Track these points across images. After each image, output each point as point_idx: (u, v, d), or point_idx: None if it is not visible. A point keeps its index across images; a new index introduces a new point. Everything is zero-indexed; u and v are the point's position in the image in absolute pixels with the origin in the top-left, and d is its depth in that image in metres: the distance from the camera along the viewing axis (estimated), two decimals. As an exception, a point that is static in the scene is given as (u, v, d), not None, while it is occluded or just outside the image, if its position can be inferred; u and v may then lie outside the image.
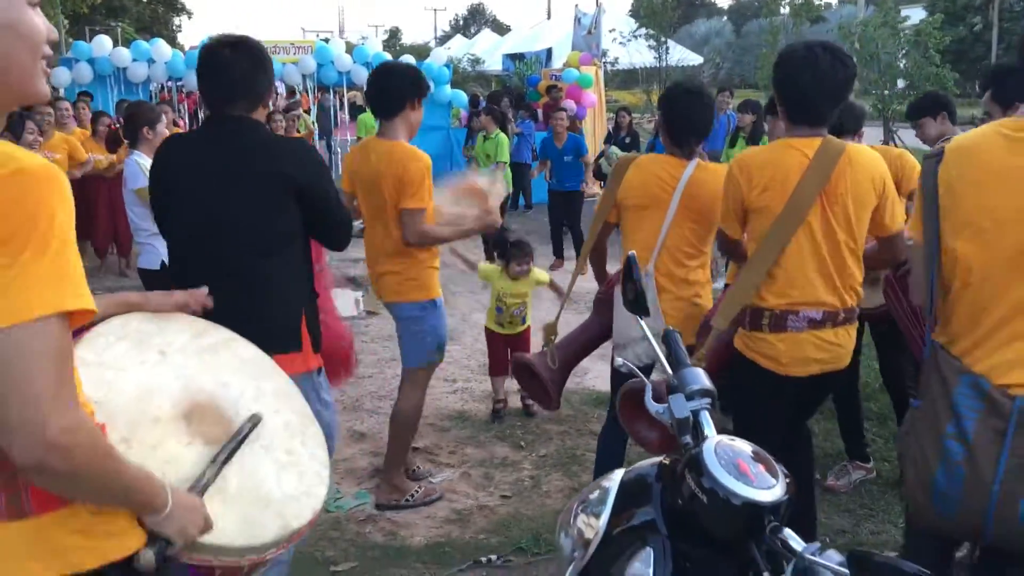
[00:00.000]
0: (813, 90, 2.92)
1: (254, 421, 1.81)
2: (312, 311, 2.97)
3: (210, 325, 1.98)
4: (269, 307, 2.76)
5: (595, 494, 1.85)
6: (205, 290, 2.08)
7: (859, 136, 4.10)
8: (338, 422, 3.21)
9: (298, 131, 11.33)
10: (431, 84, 13.32)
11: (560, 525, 1.91)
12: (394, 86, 3.94)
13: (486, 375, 5.78)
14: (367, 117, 11.95)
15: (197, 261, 2.78)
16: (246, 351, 2.00)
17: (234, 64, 2.77)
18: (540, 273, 5.55)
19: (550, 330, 4.00)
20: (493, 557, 3.77)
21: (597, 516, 1.77)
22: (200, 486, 1.61)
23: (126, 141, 5.68)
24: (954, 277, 2.08)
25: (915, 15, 30.74)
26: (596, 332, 3.91)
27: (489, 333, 5.57)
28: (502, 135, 10.54)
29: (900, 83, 18.67)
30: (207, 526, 1.56)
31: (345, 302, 8.56)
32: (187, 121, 14.59)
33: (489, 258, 7.43)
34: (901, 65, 18.32)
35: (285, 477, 1.80)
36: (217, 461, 1.67)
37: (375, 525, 4.10)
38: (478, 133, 11.48)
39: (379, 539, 3.97)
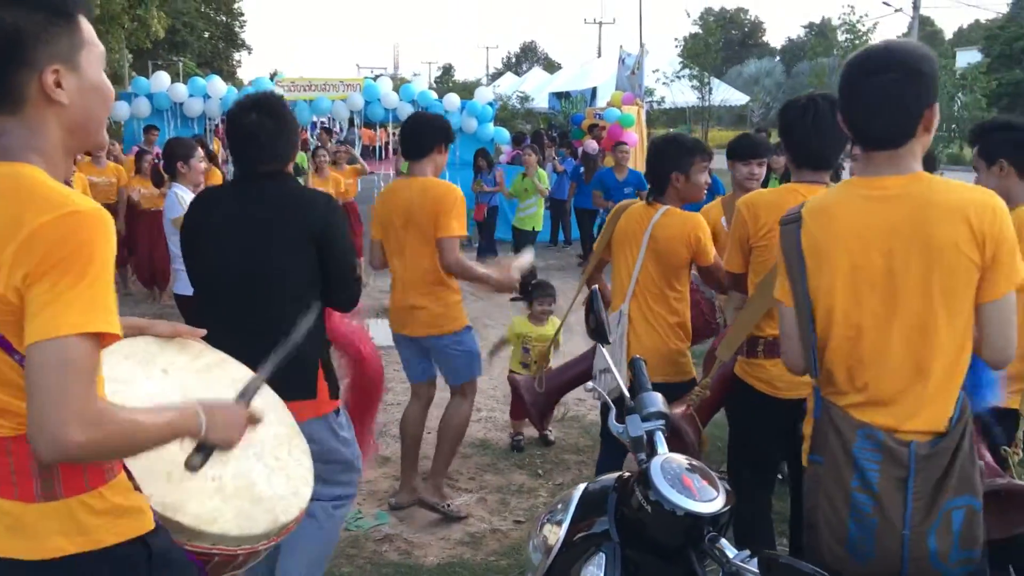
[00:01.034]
0: (814, 138, 3.17)
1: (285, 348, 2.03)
2: (328, 359, 3.15)
3: (206, 348, 2.22)
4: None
5: (559, 505, 2.03)
6: (204, 332, 2.27)
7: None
8: (359, 454, 3.39)
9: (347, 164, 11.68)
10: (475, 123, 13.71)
11: (530, 536, 2.10)
12: (425, 132, 4.35)
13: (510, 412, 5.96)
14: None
15: (225, 308, 2.95)
16: (238, 371, 2.24)
17: (260, 129, 2.98)
18: (554, 322, 5.72)
19: (542, 356, 4.33)
20: (501, 579, 3.93)
21: (559, 524, 1.95)
22: (248, 394, 1.87)
23: (167, 175, 6.04)
24: (829, 334, 2.15)
25: (972, 58, 30.62)
26: (591, 364, 4.11)
27: (511, 376, 5.77)
28: (541, 172, 10.88)
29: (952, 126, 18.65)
30: (253, 423, 1.83)
31: (381, 331, 8.84)
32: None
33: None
34: (955, 109, 18.30)
35: (274, 479, 2.04)
36: (260, 374, 1.94)
37: (391, 544, 4.29)
38: (485, 172, 11.87)
39: (394, 558, 4.16)
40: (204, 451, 1.73)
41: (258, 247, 2.94)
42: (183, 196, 5.40)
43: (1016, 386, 3.25)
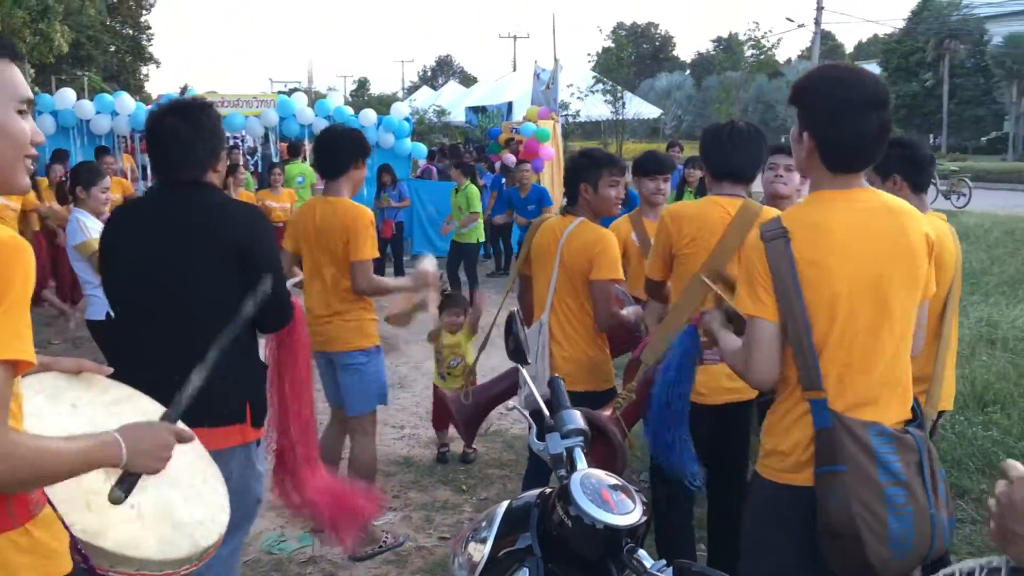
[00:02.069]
0: (733, 155, 3.42)
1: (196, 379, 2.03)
2: (260, 384, 3.03)
3: (112, 383, 2.21)
4: (217, 380, 2.52)
5: (483, 522, 2.08)
6: (110, 370, 2.21)
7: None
8: (263, 491, 3.16)
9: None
10: (374, 145, 13.67)
11: (453, 554, 2.14)
12: (341, 148, 4.26)
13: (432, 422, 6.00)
14: (292, 168, 12.30)
15: (149, 329, 2.81)
16: (147, 405, 2.24)
17: (176, 131, 2.83)
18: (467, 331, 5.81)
19: (467, 371, 4.42)
20: (427, 595, 3.95)
21: (483, 542, 2.00)
22: (172, 415, 1.89)
23: (70, 197, 5.88)
24: (826, 343, 2.23)
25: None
26: (517, 380, 4.16)
27: (435, 388, 5.82)
28: (472, 187, 11.00)
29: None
30: (181, 440, 1.84)
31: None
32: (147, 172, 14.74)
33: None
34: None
35: (192, 506, 2.07)
36: (177, 403, 1.95)
37: (316, 567, 4.27)
38: (389, 187, 11.99)
39: (319, 580, 4.14)
40: (127, 481, 1.73)
41: (178, 264, 2.77)
42: (84, 222, 5.28)
43: (920, 387, 3.44)
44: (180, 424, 1.88)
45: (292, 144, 13.61)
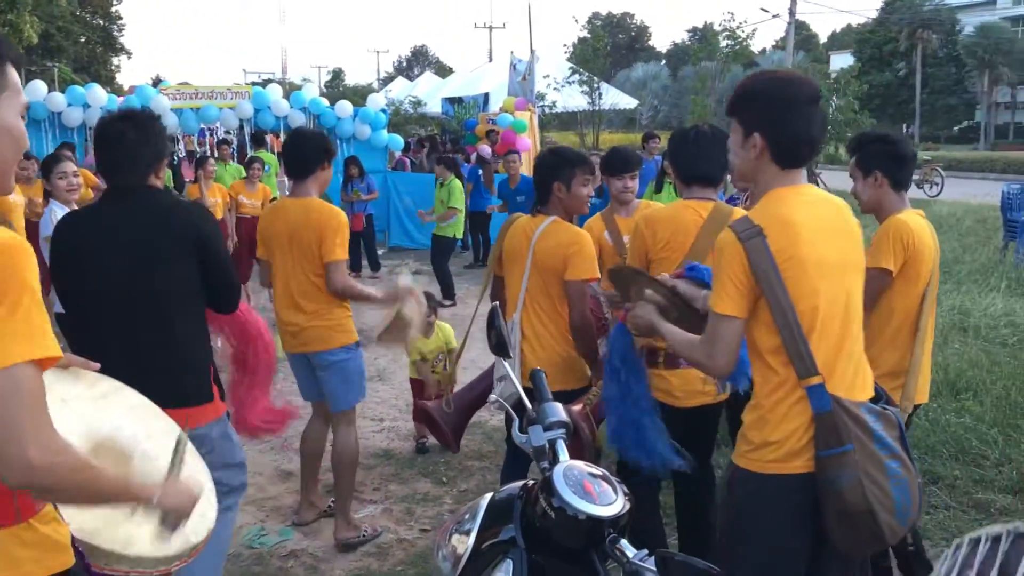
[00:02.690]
0: (700, 160, 3.50)
1: (180, 443, 2.13)
2: (213, 363, 3.28)
3: (99, 377, 2.22)
4: (184, 364, 3.04)
5: (467, 515, 2.10)
6: (97, 365, 2.24)
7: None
8: (243, 455, 3.45)
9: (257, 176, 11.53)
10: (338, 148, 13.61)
11: (436, 546, 2.16)
12: (307, 150, 4.31)
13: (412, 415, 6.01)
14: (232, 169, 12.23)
15: (110, 325, 2.96)
16: (134, 398, 2.26)
17: (121, 136, 3.00)
18: (447, 331, 5.81)
19: (446, 379, 4.41)
20: (408, 587, 3.97)
21: (467, 534, 2.02)
22: (174, 472, 1.97)
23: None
24: (812, 332, 2.30)
25: (845, 61, 32.12)
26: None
27: (413, 381, 5.82)
28: (456, 181, 10.98)
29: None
30: (200, 494, 1.92)
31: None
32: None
33: None
34: (830, 111, 19.15)
35: None
36: (175, 461, 2.04)
37: (297, 560, 4.27)
38: (357, 180, 11.97)
39: (300, 573, 4.15)
40: (169, 520, 1.83)
41: (140, 263, 2.94)
42: (57, 213, 5.22)
43: (896, 381, 3.50)
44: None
45: (256, 134, 13.64)
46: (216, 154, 13.54)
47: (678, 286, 2.79)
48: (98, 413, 2.10)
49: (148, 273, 2.95)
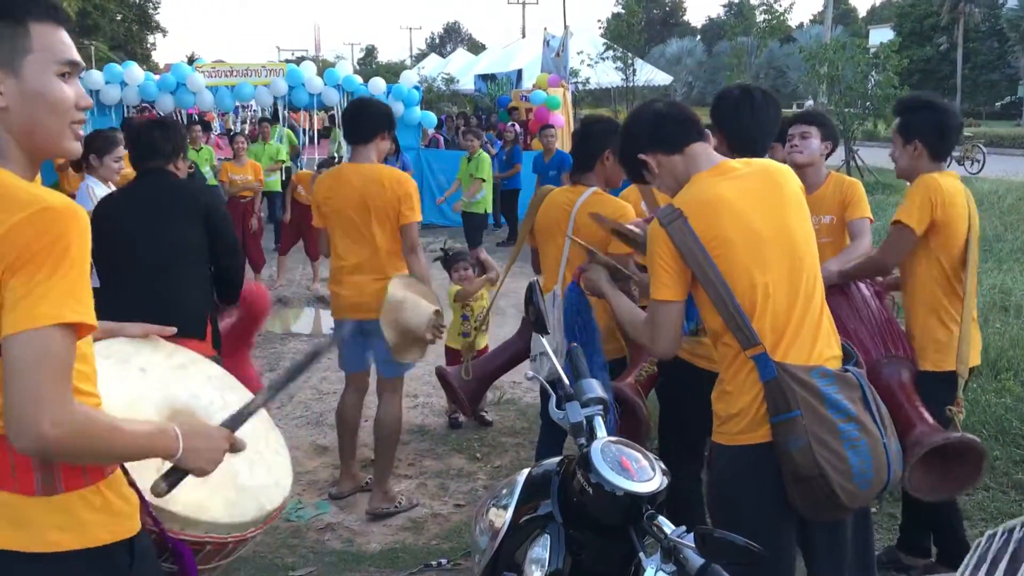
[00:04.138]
0: (750, 126, 3.24)
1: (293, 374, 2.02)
2: (214, 316, 3.93)
3: (177, 348, 2.27)
4: (181, 302, 3.62)
5: (504, 490, 2.11)
6: (174, 329, 2.31)
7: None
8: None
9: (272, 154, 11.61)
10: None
11: (475, 520, 2.17)
12: (369, 117, 4.39)
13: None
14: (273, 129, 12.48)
15: (129, 274, 3.69)
16: (211, 369, 2.30)
17: (150, 133, 3.92)
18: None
19: (467, 346, 4.56)
20: (443, 560, 4.00)
21: (505, 508, 2.03)
22: (240, 418, 1.82)
23: (83, 165, 5.83)
24: (755, 304, 2.33)
25: (885, 35, 31.54)
26: (520, 349, 4.18)
27: (449, 352, 5.82)
28: (484, 154, 10.98)
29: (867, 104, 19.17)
30: (235, 447, 1.79)
31: (305, 320, 8.87)
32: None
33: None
34: (869, 87, 18.83)
35: (256, 470, 2.12)
36: (255, 403, 1.87)
37: (333, 533, 4.33)
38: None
39: (336, 546, 4.20)
40: (174, 476, 1.71)
41: (156, 221, 3.74)
42: (94, 189, 5.25)
43: (939, 348, 3.44)
44: (238, 434, 1.84)
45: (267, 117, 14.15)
46: (258, 132, 13.70)
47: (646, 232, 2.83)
48: (176, 382, 2.14)
49: (162, 229, 3.72)
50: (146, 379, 2.08)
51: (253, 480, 2.09)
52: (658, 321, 2.42)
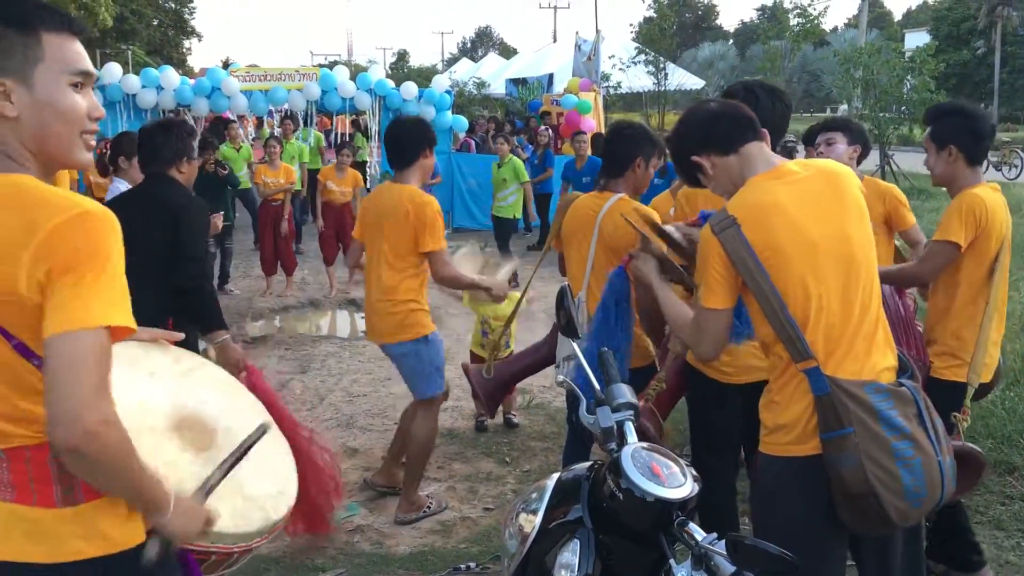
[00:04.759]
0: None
1: (261, 431, 2.04)
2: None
3: (183, 352, 2.27)
4: (138, 300, 3.65)
5: (534, 494, 2.11)
6: (181, 335, 2.32)
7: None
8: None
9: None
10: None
11: (504, 524, 2.17)
12: (409, 139, 4.32)
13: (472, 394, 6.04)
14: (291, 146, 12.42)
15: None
16: (218, 374, 2.29)
17: (151, 138, 4.00)
18: (513, 297, 5.80)
19: (491, 346, 4.50)
20: (472, 564, 4.00)
21: (535, 512, 2.03)
22: (207, 488, 1.86)
23: (111, 167, 5.91)
24: (808, 315, 2.25)
25: (921, 39, 31.18)
26: (545, 355, 4.17)
27: (474, 356, 5.84)
28: (516, 160, 10.96)
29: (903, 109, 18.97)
30: (208, 526, 1.79)
31: (344, 322, 8.89)
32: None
33: None
34: (905, 91, 18.63)
35: (261, 479, 2.10)
36: (223, 467, 1.92)
37: (363, 535, 4.34)
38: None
39: (366, 548, 4.22)
40: (162, 541, 1.69)
41: (140, 224, 3.59)
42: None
43: (960, 358, 3.41)
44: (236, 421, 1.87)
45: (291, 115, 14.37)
46: (279, 131, 13.89)
47: (693, 235, 2.78)
48: (184, 388, 2.13)
49: (130, 231, 3.64)
50: (154, 384, 2.08)
51: (259, 489, 2.09)
52: (704, 327, 2.38)
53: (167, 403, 2.05)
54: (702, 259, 2.35)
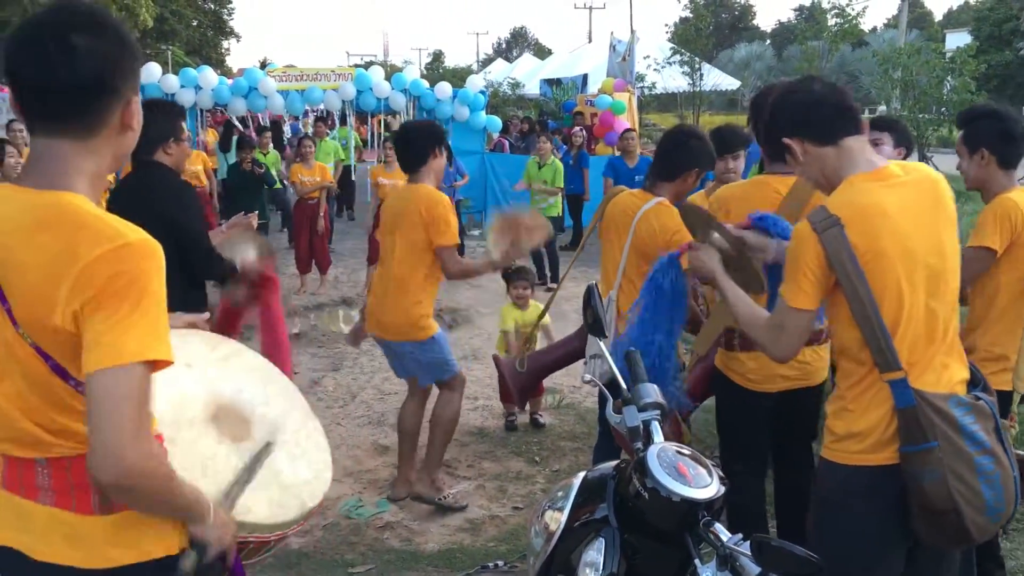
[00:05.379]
0: None
1: (268, 450, 2.09)
2: None
3: (220, 339, 2.30)
4: None
5: (560, 492, 2.11)
6: (207, 315, 2.38)
7: None
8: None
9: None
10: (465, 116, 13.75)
11: (531, 523, 2.18)
12: (417, 142, 4.43)
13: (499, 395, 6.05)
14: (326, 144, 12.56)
15: None
16: (253, 360, 2.31)
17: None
18: (537, 307, 5.79)
19: (524, 339, 4.49)
20: (500, 563, 4.02)
21: (560, 511, 2.04)
22: (231, 499, 1.91)
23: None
24: (898, 324, 2.19)
25: (962, 40, 30.71)
26: (576, 347, 4.17)
27: (495, 356, 5.85)
28: (558, 162, 10.93)
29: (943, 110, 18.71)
30: (235, 536, 1.84)
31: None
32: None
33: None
34: (944, 92, 18.37)
35: (298, 465, 2.14)
36: (240, 481, 1.97)
37: (392, 532, 4.38)
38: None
39: (395, 544, 4.25)
40: (199, 549, 1.73)
41: (127, 212, 3.57)
42: None
43: (1002, 365, 3.35)
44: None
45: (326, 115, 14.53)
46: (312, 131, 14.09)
47: (745, 237, 2.70)
48: (220, 376, 2.16)
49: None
50: (192, 375, 2.10)
51: (295, 477, 2.11)
52: (788, 328, 2.27)
53: (204, 393, 2.08)
54: (794, 257, 2.25)
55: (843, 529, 2.29)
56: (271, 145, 12.56)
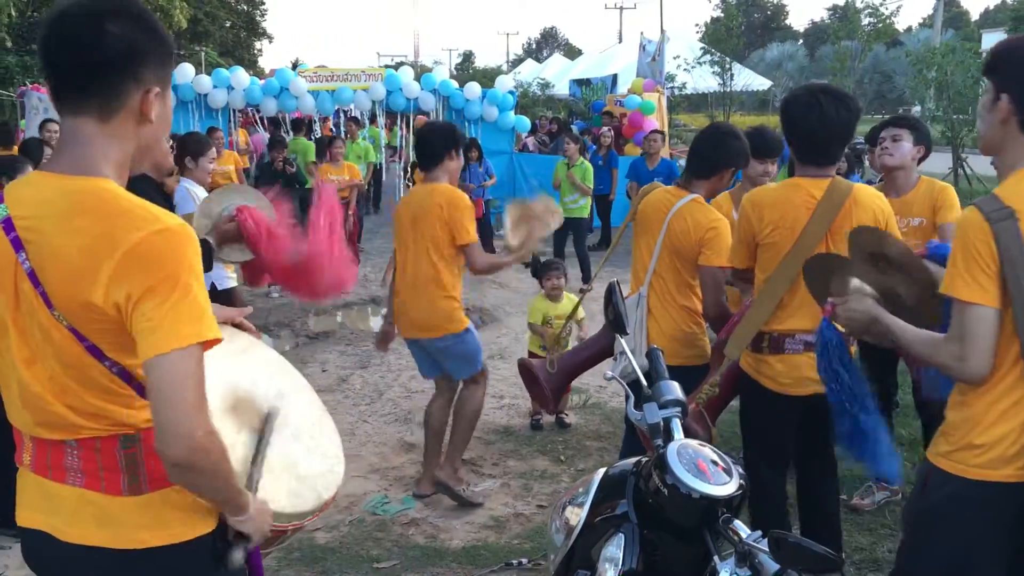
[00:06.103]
0: (819, 132, 3.11)
1: (269, 420, 2.11)
2: None
3: (235, 332, 2.33)
4: None
5: (581, 488, 2.13)
6: (250, 309, 2.41)
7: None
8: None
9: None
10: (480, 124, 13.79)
11: (551, 519, 2.19)
12: (434, 141, 4.55)
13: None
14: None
15: None
16: (268, 353, 2.36)
17: None
18: (575, 301, 5.79)
19: (553, 339, 4.60)
20: (524, 560, 4.03)
21: (580, 507, 2.06)
22: (253, 485, 1.93)
23: (176, 168, 6.04)
24: None
25: (998, 39, 30.28)
26: (606, 345, 4.18)
27: (524, 359, 5.86)
28: (587, 163, 10.96)
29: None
30: (271, 525, 1.88)
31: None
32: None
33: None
34: (980, 92, 18.13)
35: (312, 458, 2.18)
36: (257, 461, 2.00)
37: (418, 528, 4.41)
38: (475, 163, 12.01)
39: (420, 540, 4.28)
40: (244, 542, 1.77)
41: None
42: (193, 191, 5.47)
43: None
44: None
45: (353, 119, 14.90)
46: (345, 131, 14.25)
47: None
48: (237, 369, 2.19)
49: None
50: (210, 365, 2.15)
51: (311, 469, 2.15)
52: (969, 330, 2.03)
53: (222, 384, 2.11)
54: (966, 245, 2.05)
55: (940, 540, 2.17)
56: (305, 131, 12.77)
